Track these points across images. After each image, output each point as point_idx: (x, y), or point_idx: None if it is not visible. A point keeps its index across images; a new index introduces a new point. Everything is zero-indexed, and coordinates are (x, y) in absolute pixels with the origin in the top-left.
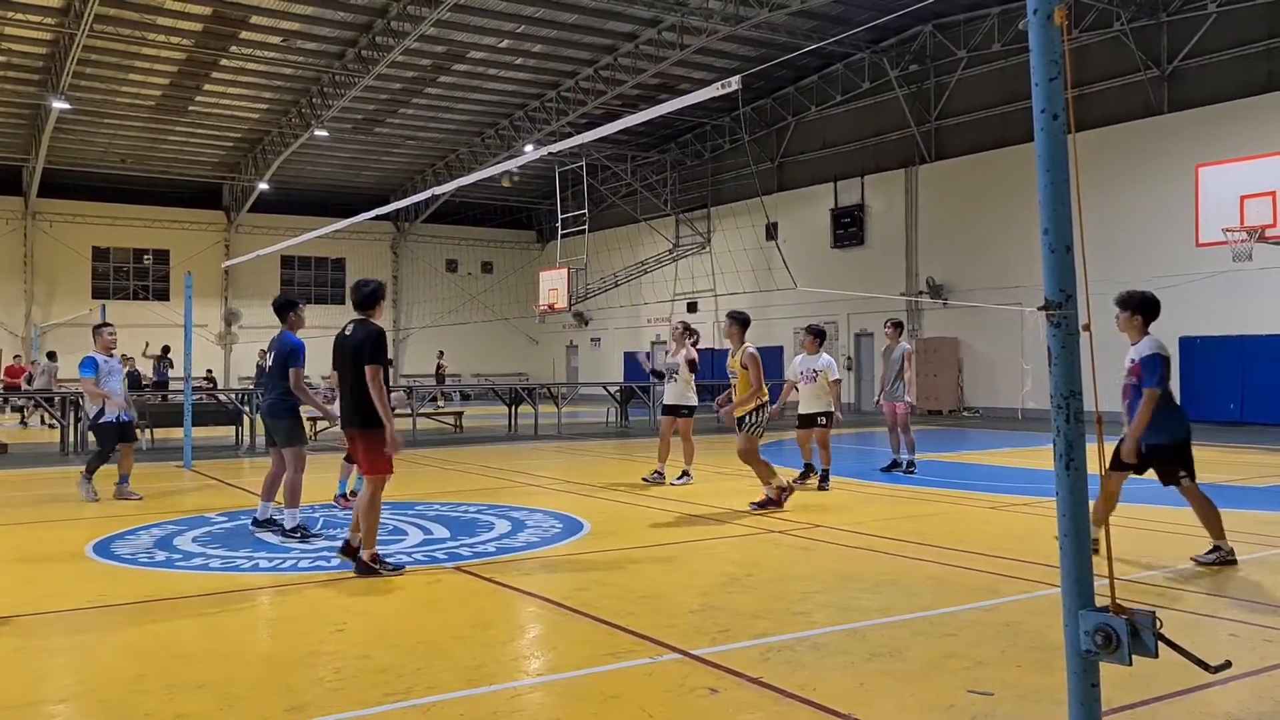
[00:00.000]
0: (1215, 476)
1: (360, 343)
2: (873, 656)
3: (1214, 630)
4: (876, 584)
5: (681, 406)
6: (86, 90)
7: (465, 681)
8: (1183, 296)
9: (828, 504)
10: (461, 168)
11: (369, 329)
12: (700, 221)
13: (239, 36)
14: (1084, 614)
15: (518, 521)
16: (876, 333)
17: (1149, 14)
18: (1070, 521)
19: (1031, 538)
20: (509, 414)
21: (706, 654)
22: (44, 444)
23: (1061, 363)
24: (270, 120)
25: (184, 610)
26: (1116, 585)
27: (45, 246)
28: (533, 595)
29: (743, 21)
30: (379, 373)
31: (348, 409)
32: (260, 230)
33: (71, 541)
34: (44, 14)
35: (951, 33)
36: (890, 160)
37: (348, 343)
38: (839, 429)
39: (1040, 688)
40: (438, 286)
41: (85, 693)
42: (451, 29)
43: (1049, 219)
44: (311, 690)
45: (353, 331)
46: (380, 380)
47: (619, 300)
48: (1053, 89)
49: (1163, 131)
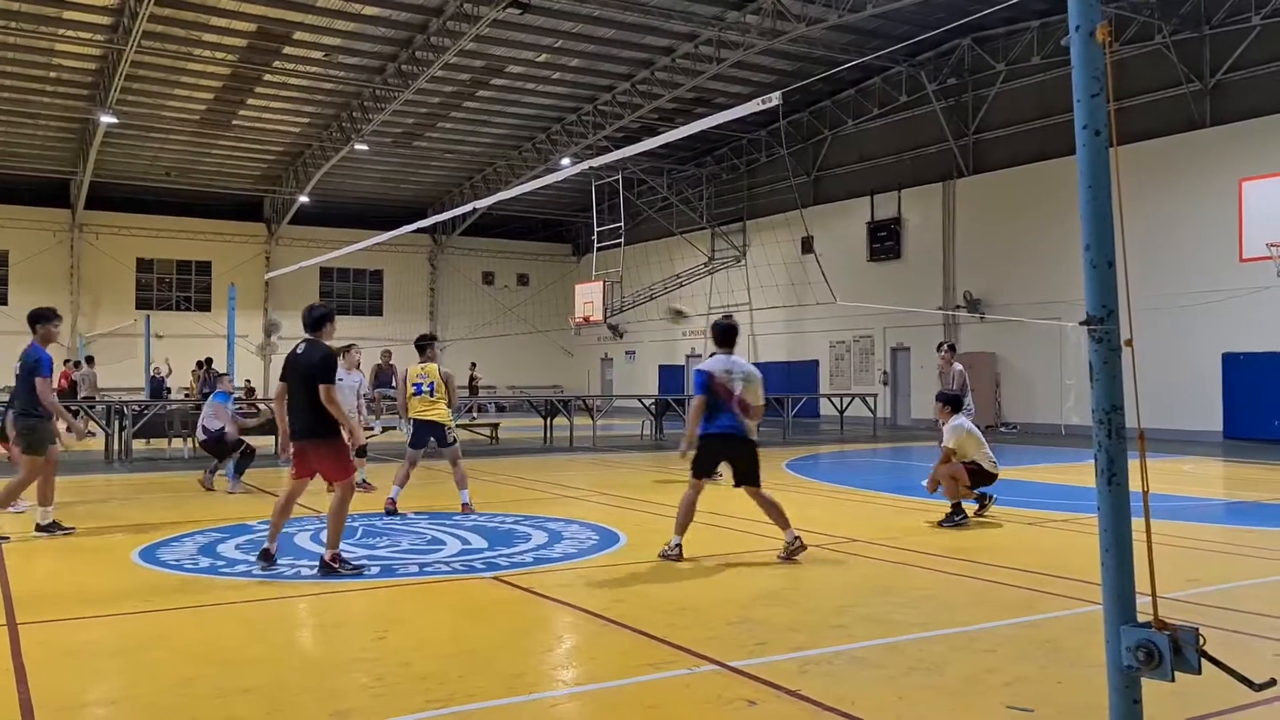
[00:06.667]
0: (1259, 495)
1: (313, 363)
2: (911, 671)
3: (1259, 648)
4: (914, 599)
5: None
6: (133, 105)
7: (505, 690)
8: (1226, 312)
9: (864, 519)
10: (499, 181)
11: (321, 350)
12: (736, 235)
13: (282, 52)
14: (1126, 629)
15: (554, 533)
16: (914, 347)
17: (1191, 27)
18: (1112, 536)
19: (1071, 553)
20: (544, 426)
21: (744, 666)
22: (89, 451)
23: (1103, 378)
24: (311, 134)
25: (229, 616)
26: (1159, 602)
27: (91, 258)
28: (570, 606)
29: (780, 36)
30: (333, 390)
31: (302, 424)
32: (300, 242)
33: (118, 548)
34: (94, 31)
35: (990, 46)
36: (927, 174)
37: (299, 361)
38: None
39: (1081, 705)
40: (474, 299)
41: (134, 696)
42: (490, 44)
43: (1091, 234)
44: (355, 696)
45: (304, 351)
46: (335, 397)
47: (654, 313)
48: (1094, 105)
49: (1205, 145)
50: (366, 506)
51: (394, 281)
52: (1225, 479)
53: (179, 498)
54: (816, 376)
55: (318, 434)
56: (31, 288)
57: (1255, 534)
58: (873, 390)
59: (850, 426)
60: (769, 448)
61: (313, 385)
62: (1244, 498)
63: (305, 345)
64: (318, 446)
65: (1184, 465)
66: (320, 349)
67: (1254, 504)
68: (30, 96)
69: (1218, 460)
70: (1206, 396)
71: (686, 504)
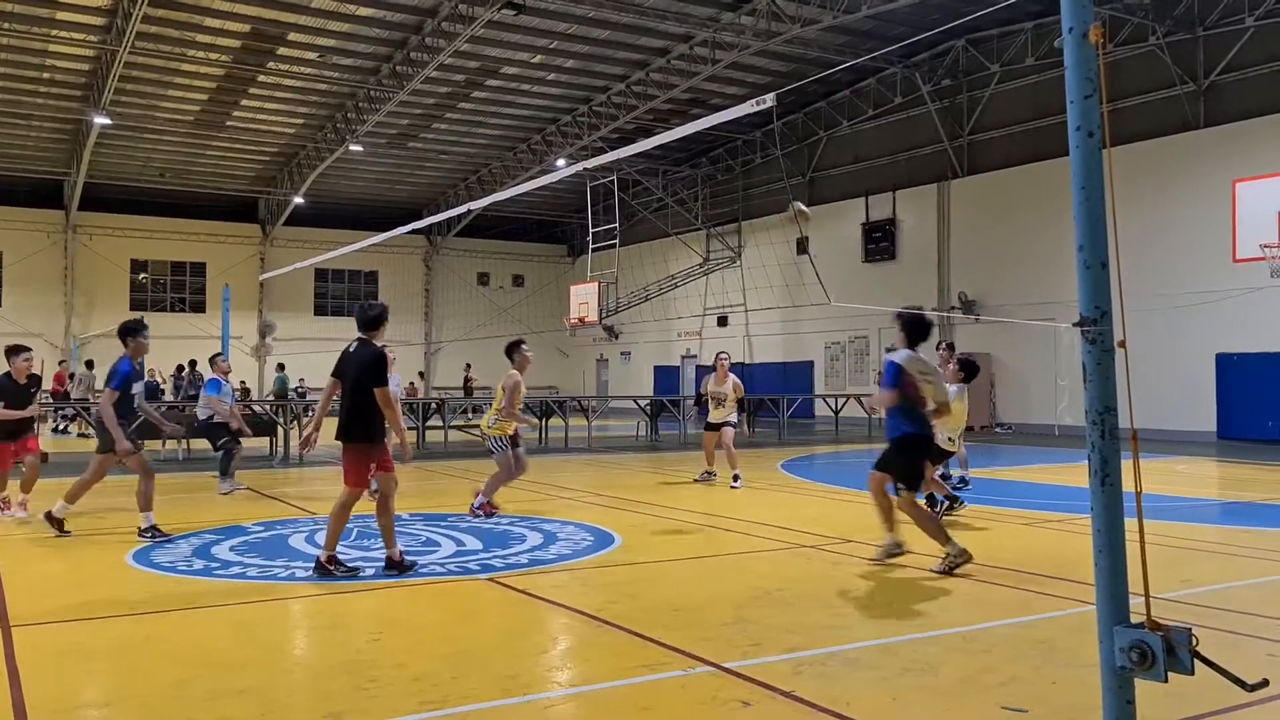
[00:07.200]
0: (1253, 495)
1: (364, 364)
2: (905, 672)
3: (1252, 649)
4: (909, 599)
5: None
6: (127, 106)
7: (500, 691)
8: (1219, 313)
9: (859, 520)
10: (494, 182)
11: (372, 351)
12: (731, 236)
13: (276, 53)
14: (1120, 630)
15: (549, 534)
16: None
17: (1185, 28)
18: (1105, 536)
19: (1065, 554)
20: (539, 427)
21: (739, 667)
22: (84, 453)
23: (1097, 379)
24: (306, 135)
25: (223, 618)
26: (1152, 603)
27: (85, 259)
28: (565, 607)
29: (775, 37)
30: (387, 393)
31: (343, 422)
32: (295, 244)
33: (112, 550)
34: (87, 31)
35: (984, 47)
36: (922, 175)
37: (350, 360)
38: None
39: (1075, 705)
40: (469, 300)
41: (127, 697)
42: (485, 45)
43: (1084, 235)
44: (350, 698)
45: (356, 350)
46: (390, 399)
47: (650, 314)
48: (1088, 106)
49: (1199, 146)
50: (363, 508)
51: (389, 283)
52: (1219, 479)
53: (174, 500)
54: (811, 377)
55: (350, 435)
56: (25, 289)
57: (1249, 534)
58: (868, 391)
59: (845, 427)
60: (764, 448)
61: (360, 386)
62: (1237, 498)
63: (357, 344)
64: (344, 448)
65: (1177, 466)
66: (371, 349)
67: (1248, 504)
68: (23, 97)
69: (1211, 461)
70: (1200, 397)
71: (923, 513)
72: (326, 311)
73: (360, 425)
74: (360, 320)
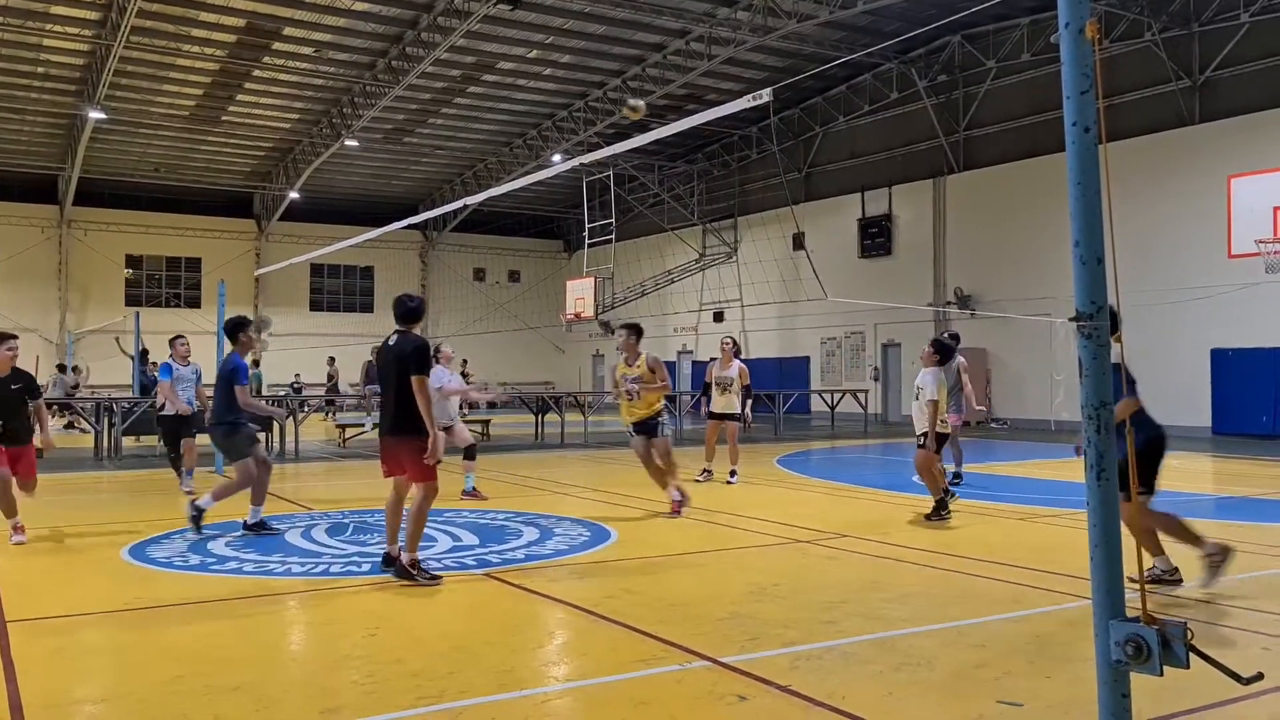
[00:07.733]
0: (1247, 490)
1: (405, 353)
2: (901, 666)
3: (1246, 643)
4: (904, 594)
5: (731, 414)
6: (122, 101)
7: (496, 686)
8: (1215, 308)
9: (855, 515)
10: (490, 177)
11: (414, 340)
12: (727, 231)
13: (271, 48)
14: (1115, 624)
15: (546, 529)
16: (904, 343)
17: (1181, 24)
18: (1101, 531)
19: (1061, 549)
20: (535, 422)
21: (735, 662)
22: (78, 449)
23: (1092, 374)
24: (301, 130)
25: (219, 613)
26: (1148, 597)
27: (80, 254)
28: (561, 602)
29: (771, 32)
30: (425, 381)
31: (389, 420)
32: (291, 239)
33: (107, 545)
34: (81, 26)
35: (980, 43)
36: (918, 170)
37: (390, 352)
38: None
39: (1070, 699)
40: (465, 295)
41: (123, 694)
42: (481, 40)
43: (1080, 231)
44: (346, 693)
45: (396, 342)
46: (426, 388)
47: (646, 310)
48: (1084, 102)
49: (1194, 142)
50: (370, 504)
51: (385, 278)
52: (1214, 474)
53: (169, 495)
54: (808, 372)
55: (403, 431)
56: (19, 284)
57: (1243, 529)
58: (863, 386)
59: (841, 422)
60: (760, 444)
61: (404, 377)
62: (1232, 493)
63: (397, 337)
64: (400, 444)
65: (1172, 460)
66: (412, 339)
67: (1242, 499)
68: (18, 92)
69: (1206, 455)
70: (1195, 392)
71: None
72: (322, 307)
73: (411, 418)
74: (399, 313)
